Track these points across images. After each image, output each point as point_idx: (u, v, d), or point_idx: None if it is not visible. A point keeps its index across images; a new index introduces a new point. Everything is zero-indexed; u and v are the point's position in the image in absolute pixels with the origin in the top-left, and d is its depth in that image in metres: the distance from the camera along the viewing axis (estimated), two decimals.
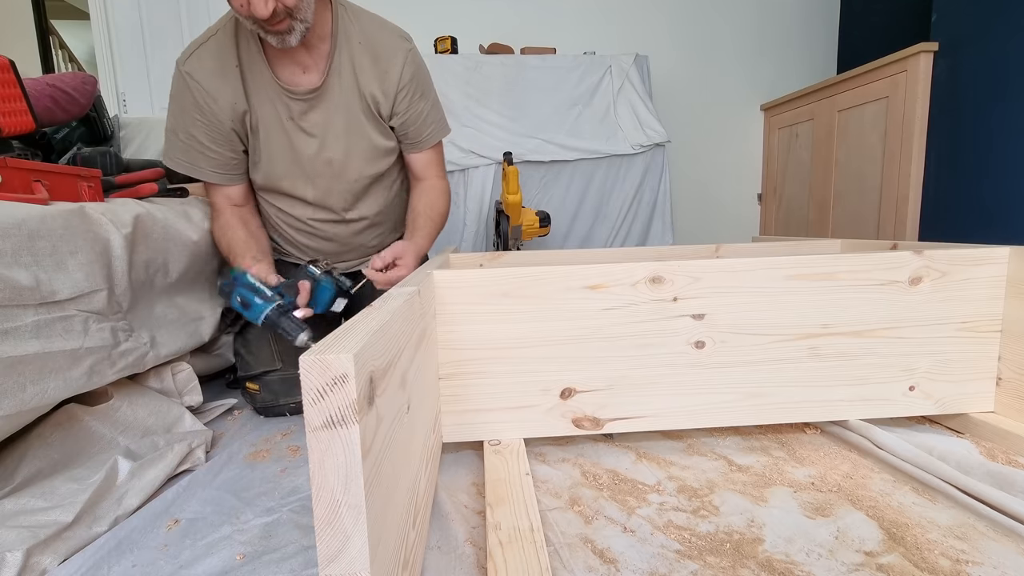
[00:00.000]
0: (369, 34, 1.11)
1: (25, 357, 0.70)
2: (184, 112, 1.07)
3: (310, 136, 1.13)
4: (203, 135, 1.08)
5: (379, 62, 1.11)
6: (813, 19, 3.01)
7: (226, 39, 1.06)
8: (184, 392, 1.07)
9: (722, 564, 0.60)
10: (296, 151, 1.13)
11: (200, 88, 1.05)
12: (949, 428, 0.93)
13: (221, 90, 1.06)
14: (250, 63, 1.07)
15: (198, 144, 1.09)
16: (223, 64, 1.06)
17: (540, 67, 2.44)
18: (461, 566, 0.62)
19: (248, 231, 1.16)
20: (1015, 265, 0.86)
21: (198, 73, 1.05)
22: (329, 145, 1.14)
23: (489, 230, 2.30)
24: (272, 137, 1.12)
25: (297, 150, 1.13)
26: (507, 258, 1.37)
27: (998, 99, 1.80)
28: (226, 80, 1.06)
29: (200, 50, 1.06)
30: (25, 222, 0.75)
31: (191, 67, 1.06)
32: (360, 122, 1.14)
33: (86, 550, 0.66)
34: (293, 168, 1.15)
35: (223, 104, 1.07)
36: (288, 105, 1.10)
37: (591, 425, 0.88)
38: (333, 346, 0.38)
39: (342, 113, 1.12)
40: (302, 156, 1.14)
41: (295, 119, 1.11)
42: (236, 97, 1.07)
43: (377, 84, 1.11)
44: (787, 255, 0.86)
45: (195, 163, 1.10)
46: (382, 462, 0.42)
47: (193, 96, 1.06)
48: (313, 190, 1.18)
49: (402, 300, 0.58)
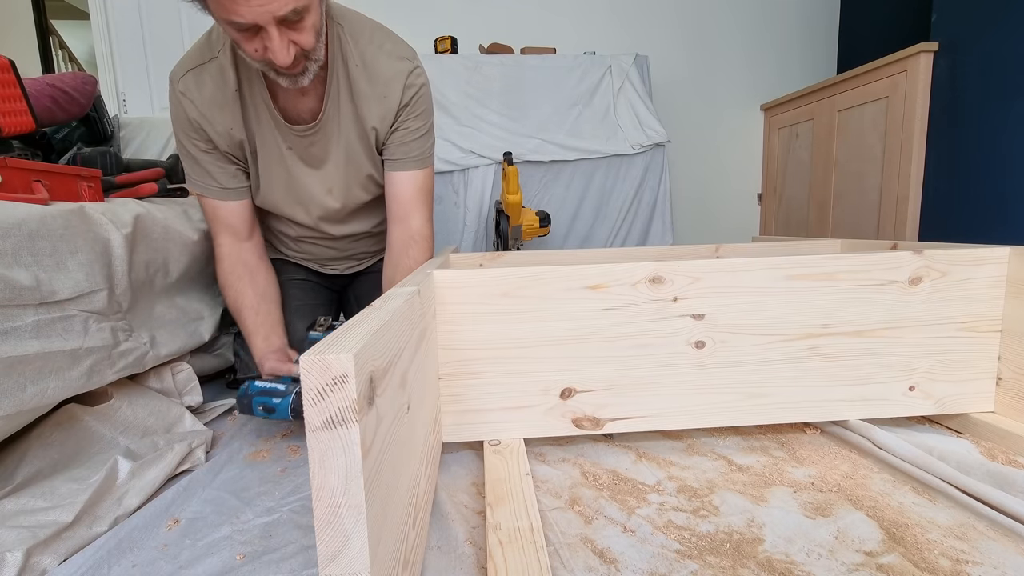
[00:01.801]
0: (367, 58, 1.03)
1: (25, 357, 0.70)
2: (183, 132, 1.03)
3: (309, 167, 1.09)
4: (201, 154, 1.04)
5: (376, 86, 1.04)
6: (813, 19, 3.01)
7: (226, 63, 0.99)
8: (184, 392, 1.07)
9: (722, 564, 0.60)
10: (294, 180, 1.10)
11: (196, 110, 1.00)
12: (949, 428, 0.93)
13: (218, 118, 1.01)
14: (250, 88, 1.01)
15: (199, 162, 1.05)
16: (223, 91, 0.99)
17: (540, 67, 2.44)
18: (461, 566, 0.62)
19: (256, 291, 1.09)
20: (1015, 265, 0.86)
21: (195, 97, 0.99)
22: (328, 176, 1.10)
23: (489, 230, 2.30)
24: (271, 166, 1.08)
25: (295, 179, 1.10)
26: (507, 258, 1.37)
27: (998, 99, 1.80)
28: (224, 109, 1.01)
29: (199, 73, 0.99)
30: (25, 222, 0.75)
31: (187, 87, 0.99)
32: (357, 152, 1.09)
33: (86, 550, 0.66)
34: (289, 196, 1.12)
35: (219, 130, 1.02)
36: (287, 136, 1.05)
37: (591, 425, 0.88)
38: (333, 346, 0.38)
39: (341, 144, 1.07)
40: (299, 185, 1.10)
41: (294, 149, 1.07)
42: (234, 124, 1.02)
43: (376, 110, 1.05)
44: (787, 255, 0.86)
45: (203, 181, 1.06)
46: (382, 462, 0.42)
47: (187, 116, 1.01)
48: (308, 216, 1.15)
49: (402, 300, 0.58)
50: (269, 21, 0.78)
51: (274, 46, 0.81)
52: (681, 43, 2.95)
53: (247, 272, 1.09)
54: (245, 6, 0.75)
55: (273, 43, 0.81)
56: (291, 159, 1.07)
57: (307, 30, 0.84)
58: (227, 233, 1.09)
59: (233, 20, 0.77)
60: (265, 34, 0.80)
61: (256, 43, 0.82)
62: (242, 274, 1.09)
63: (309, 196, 1.12)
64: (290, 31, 0.82)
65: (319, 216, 1.15)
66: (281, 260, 1.29)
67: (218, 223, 1.09)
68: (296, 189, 1.11)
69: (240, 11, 0.75)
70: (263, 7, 0.76)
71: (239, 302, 1.08)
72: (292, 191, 1.11)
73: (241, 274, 1.08)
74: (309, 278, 1.29)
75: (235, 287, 1.08)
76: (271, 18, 0.78)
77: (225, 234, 1.09)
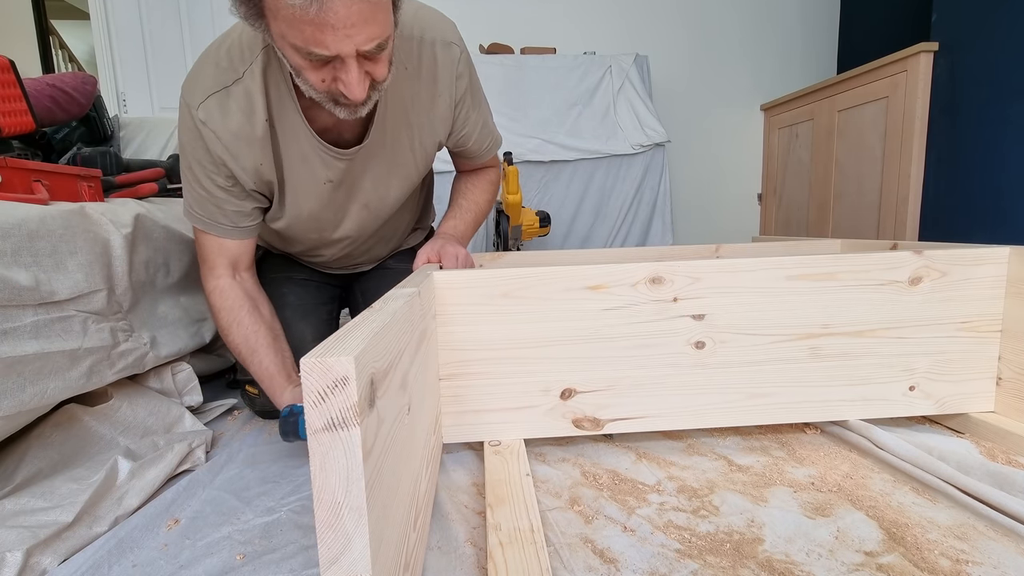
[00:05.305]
0: (416, 54, 0.93)
1: (24, 357, 0.70)
2: (199, 165, 0.89)
3: (349, 190, 0.99)
4: (218, 190, 0.90)
5: (428, 86, 0.95)
6: (813, 19, 3.01)
7: (255, 87, 0.84)
8: (184, 392, 1.07)
9: (722, 564, 0.60)
10: (329, 208, 1.00)
11: (218, 145, 0.86)
12: (949, 428, 0.93)
13: (245, 154, 0.87)
14: (281, 114, 0.88)
15: (213, 199, 0.91)
16: (252, 122, 0.86)
17: (540, 67, 2.44)
18: (461, 566, 0.62)
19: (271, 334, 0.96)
20: (1015, 265, 0.86)
21: (219, 128, 0.85)
22: (368, 192, 1.01)
23: (489, 230, 2.31)
24: (304, 198, 0.96)
25: (331, 207, 1.00)
26: (507, 258, 1.37)
27: (998, 99, 1.81)
28: (253, 144, 0.87)
29: (223, 99, 0.84)
30: (25, 222, 0.75)
31: (209, 116, 0.84)
32: (405, 161, 1.00)
33: (86, 550, 0.66)
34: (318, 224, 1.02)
35: (247, 166, 0.88)
36: (327, 163, 0.93)
37: (591, 425, 0.88)
38: (334, 348, 0.38)
39: (387, 157, 0.98)
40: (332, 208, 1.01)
41: (333, 179, 0.95)
42: (264, 160, 0.89)
43: (430, 113, 0.97)
44: (787, 255, 0.86)
45: (212, 219, 0.92)
46: (383, 464, 0.42)
47: (208, 149, 0.87)
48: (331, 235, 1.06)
49: (402, 301, 0.58)
50: (351, 53, 0.69)
51: (351, 79, 0.72)
52: (681, 43, 2.95)
53: (253, 306, 0.97)
54: (332, 37, 0.66)
55: (351, 76, 0.71)
56: (329, 190, 0.97)
57: (383, 62, 0.75)
58: (226, 266, 0.96)
59: (313, 51, 0.67)
60: (340, 65, 0.71)
61: (325, 73, 0.73)
62: (250, 309, 0.96)
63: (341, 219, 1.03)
64: (367, 62, 0.73)
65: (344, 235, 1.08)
66: (281, 256, 1.23)
67: (218, 257, 0.96)
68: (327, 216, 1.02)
69: (326, 42, 0.66)
70: (351, 39, 0.67)
71: (252, 342, 0.94)
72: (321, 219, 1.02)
73: (250, 309, 0.96)
74: (312, 277, 1.23)
75: (244, 324, 0.95)
76: (354, 50, 0.69)
77: (224, 267, 0.96)
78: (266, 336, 0.95)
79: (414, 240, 1.33)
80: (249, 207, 0.94)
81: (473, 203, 1.16)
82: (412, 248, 1.32)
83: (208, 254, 0.96)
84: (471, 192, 1.17)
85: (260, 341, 0.94)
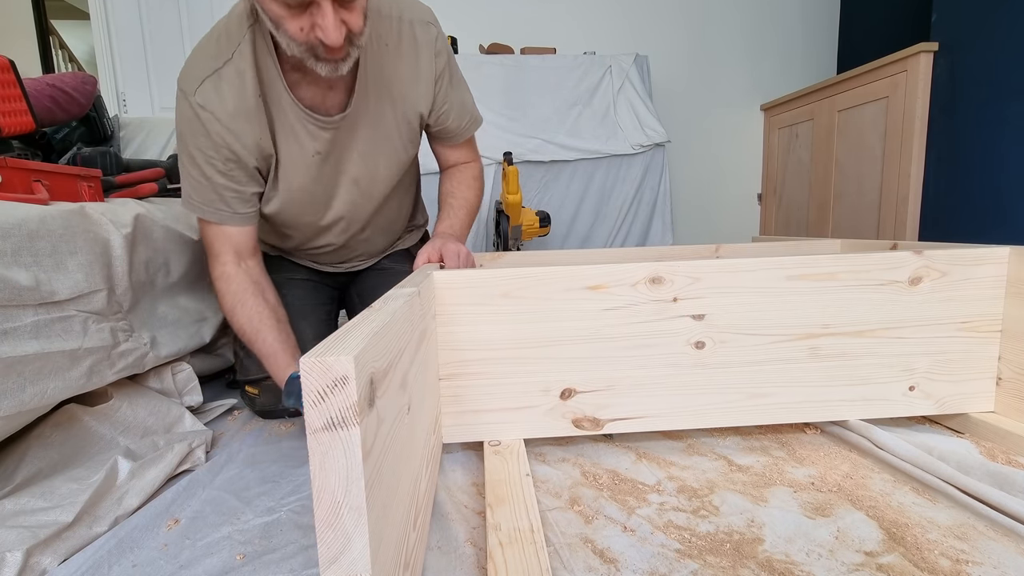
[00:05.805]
0: (395, 32, 0.97)
1: (24, 357, 0.70)
2: (199, 151, 0.91)
3: (337, 162, 1.02)
4: (218, 175, 0.92)
5: (410, 62, 0.99)
6: (813, 19, 3.01)
7: (245, 65, 0.88)
8: (184, 392, 1.07)
9: (722, 564, 0.60)
10: (319, 182, 1.02)
11: (218, 125, 0.88)
12: (949, 428, 0.93)
13: (245, 131, 0.90)
14: (271, 89, 0.91)
15: (213, 186, 0.93)
16: (245, 99, 0.89)
17: (540, 67, 2.44)
18: (461, 566, 0.62)
19: (270, 308, 0.98)
20: (1015, 265, 0.86)
21: (218, 109, 0.88)
22: (357, 166, 1.03)
23: (489, 230, 2.31)
24: (293, 172, 0.98)
25: (320, 180, 1.02)
26: (507, 258, 1.37)
27: (998, 99, 1.81)
28: (251, 119, 0.90)
29: (217, 81, 0.88)
30: (25, 222, 0.75)
31: (206, 99, 0.87)
32: (390, 135, 1.03)
33: (86, 550, 0.67)
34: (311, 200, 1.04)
35: (248, 143, 0.91)
36: (313, 133, 0.96)
37: (591, 425, 0.88)
38: (333, 348, 0.38)
39: (372, 130, 1.01)
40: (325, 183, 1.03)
41: (321, 151, 0.98)
42: (262, 134, 0.92)
43: (412, 88, 1.00)
44: (787, 255, 0.86)
45: (212, 207, 0.94)
46: (383, 463, 0.42)
47: (208, 133, 0.89)
48: (324, 218, 1.08)
49: (402, 301, 0.58)
50: None
51: (327, 23, 0.75)
52: (681, 43, 2.95)
53: (258, 290, 0.99)
54: None
55: (326, 20, 0.75)
56: (317, 162, 1.00)
57: (358, 11, 0.79)
58: (230, 253, 0.98)
59: None
60: (316, 10, 0.75)
61: (303, 20, 0.76)
62: (255, 292, 0.98)
63: (331, 196, 1.06)
64: (342, 10, 0.77)
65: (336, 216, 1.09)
66: (279, 258, 1.24)
67: (223, 245, 0.98)
68: (318, 192, 1.04)
69: None
70: None
71: (256, 322, 0.96)
72: (315, 194, 1.04)
73: (254, 292, 0.98)
74: (310, 277, 1.25)
75: (248, 305, 0.97)
76: None
77: (229, 254, 0.98)
78: (270, 318, 0.96)
79: (410, 240, 1.33)
80: (248, 192, 0.96)
81: (463, 200, 1.17)
82: (408, 249, 1.32)
83: (212, 242, 0.98)
84: (459, 190, 1.18)
85: (265, 322, 0.95)
